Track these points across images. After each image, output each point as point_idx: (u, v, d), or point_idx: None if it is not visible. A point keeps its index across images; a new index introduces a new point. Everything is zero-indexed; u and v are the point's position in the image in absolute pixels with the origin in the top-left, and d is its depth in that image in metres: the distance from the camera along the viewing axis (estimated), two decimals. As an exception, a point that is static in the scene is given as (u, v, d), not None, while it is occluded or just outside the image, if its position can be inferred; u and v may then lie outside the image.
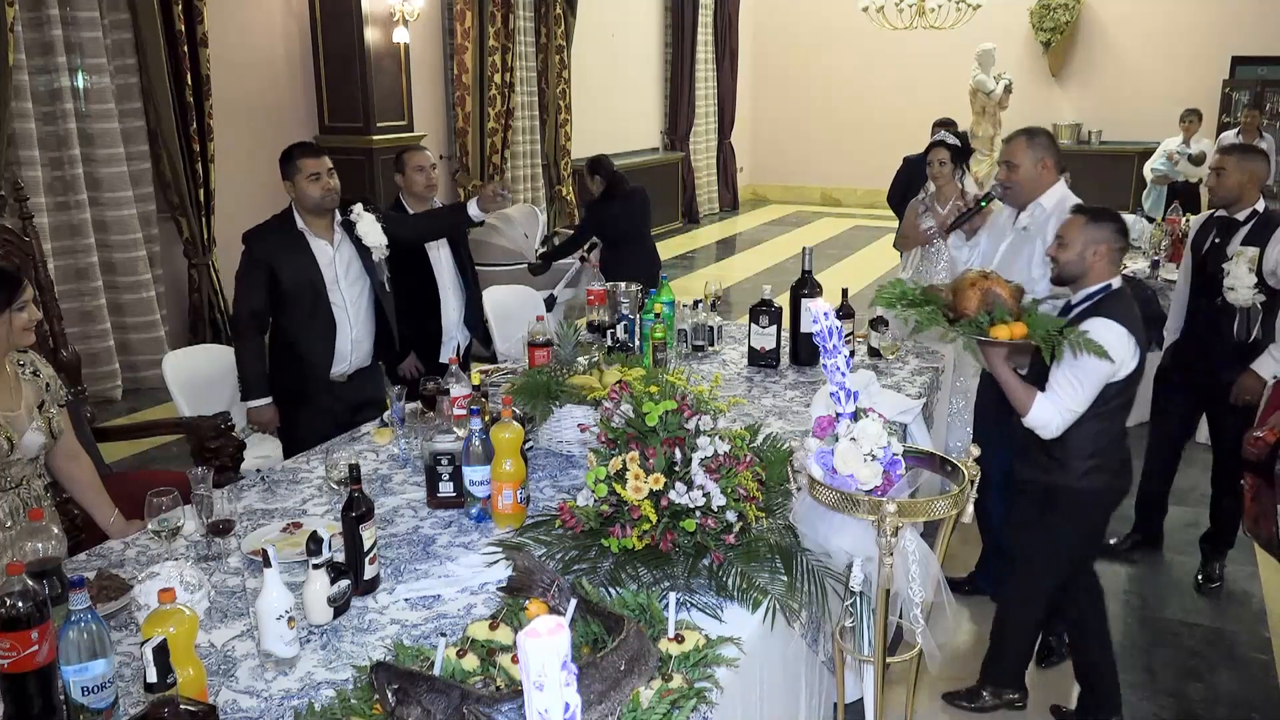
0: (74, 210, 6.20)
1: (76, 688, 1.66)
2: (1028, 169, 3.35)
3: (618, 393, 2.40)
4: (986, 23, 11.27)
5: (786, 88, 15.02)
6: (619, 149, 12.27)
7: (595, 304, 3.89)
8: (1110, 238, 2.76)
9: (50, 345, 3.71)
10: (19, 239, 3.57)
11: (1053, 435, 2.75)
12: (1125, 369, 2.70)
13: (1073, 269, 2.80)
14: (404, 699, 1.58)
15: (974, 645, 3.65)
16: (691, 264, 10.98)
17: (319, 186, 3.48)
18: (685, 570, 2.18)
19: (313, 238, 3.54)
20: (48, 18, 5.96)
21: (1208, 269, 3.86)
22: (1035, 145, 3.36)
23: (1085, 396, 2.69)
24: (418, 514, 2.60)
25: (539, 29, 10.26)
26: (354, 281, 3.63)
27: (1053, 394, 2.71)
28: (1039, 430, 2.76)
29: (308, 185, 3.47)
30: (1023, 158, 3.35)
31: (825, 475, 2.10)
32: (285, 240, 3.51)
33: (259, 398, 3.57)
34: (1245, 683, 3.47)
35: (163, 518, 2.25)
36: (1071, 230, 2.80)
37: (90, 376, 5.77)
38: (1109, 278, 2.78)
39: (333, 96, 8.07)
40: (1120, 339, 2.64)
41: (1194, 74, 12.30)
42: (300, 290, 3.50)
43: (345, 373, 3.66)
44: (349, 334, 3.62)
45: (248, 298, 3.52)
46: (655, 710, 1.65)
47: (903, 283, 2.89)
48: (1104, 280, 2.78)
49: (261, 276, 3.48)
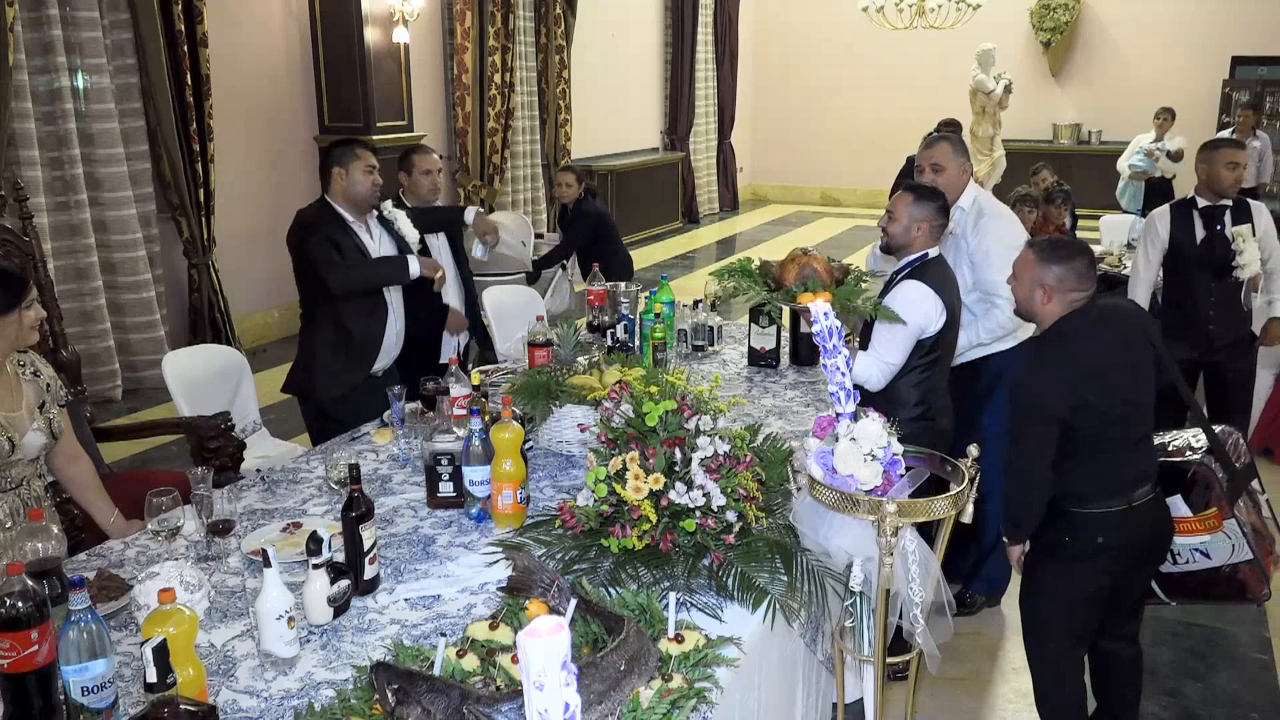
0: (74, 210, 6.19)
1: (76, 688, 1.66)
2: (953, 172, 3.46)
3: (618, 393, 2.40)
4: (986, 23, 11.27)
5: (786, 88, 15.02)
6: (619, 149, 12.28)
7: (595, 304, 3.89)
8: (931, 215, 3.00)
9: (50, 345, 3.71)
10: (19, 239, 3.57)
11: (876, 387, 2.98)
12: (934, 325, 2.94)
13: (899, 239, 3.05)
14: (404, 699, 1.58)
15: (975, 644, 3.65)
16: (691, 264, 10.98)
17: (372, 179, 3.57)
18: (685, 570, 2.18)
19: (358, 229, 3.62)
20: (48, 18, 5.96)
21: (1215, 253, 4.23)
22: (959, 151, 3.53)
23: (899, 350, 2.96)
24: (418, 514, 2.60)
25: (539, 29, 10.26)
26: None
27: (872, 351, 3.00)
28: (865, 384, 2.96)
29: (364, 176, 3.55)
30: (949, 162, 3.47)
31: (825, 475, 2.10)
32: (335, 227, 3.55)
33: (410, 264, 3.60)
34: (1245, 683, 3.47)
35: (163, 518, 2.25)
36: (899, 206, 3.03)
37: (90, 376, 5.76)
38: (927, 247, 3.02)
39: (333, 96, 8.07)
40: (927, 298, 2.91)
41: (1194, 74, 12.31)
42: None
43: (384, 367, 3.73)
44: (395, 324, 3.71)
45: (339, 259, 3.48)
46: (655, 710, 1.65)
47: (747, 261, 3.33)
48: (923, 249, 3.03)
49: (330, 247, 3.49)
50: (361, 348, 3.63)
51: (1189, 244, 4.27)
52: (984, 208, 3.50)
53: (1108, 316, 2.72)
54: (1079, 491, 2.65)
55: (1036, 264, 2.67)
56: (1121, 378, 2.64)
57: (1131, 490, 2.65)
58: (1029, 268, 2.69)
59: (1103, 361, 2.63)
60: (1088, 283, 2.65)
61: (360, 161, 3.55)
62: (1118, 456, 2.64)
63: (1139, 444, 2.69)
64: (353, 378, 3.63)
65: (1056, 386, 2.60)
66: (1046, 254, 2.67)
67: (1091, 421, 2.59)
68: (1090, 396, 2.58)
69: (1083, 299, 2.65)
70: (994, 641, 3.71)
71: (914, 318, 2.91)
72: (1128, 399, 2.64)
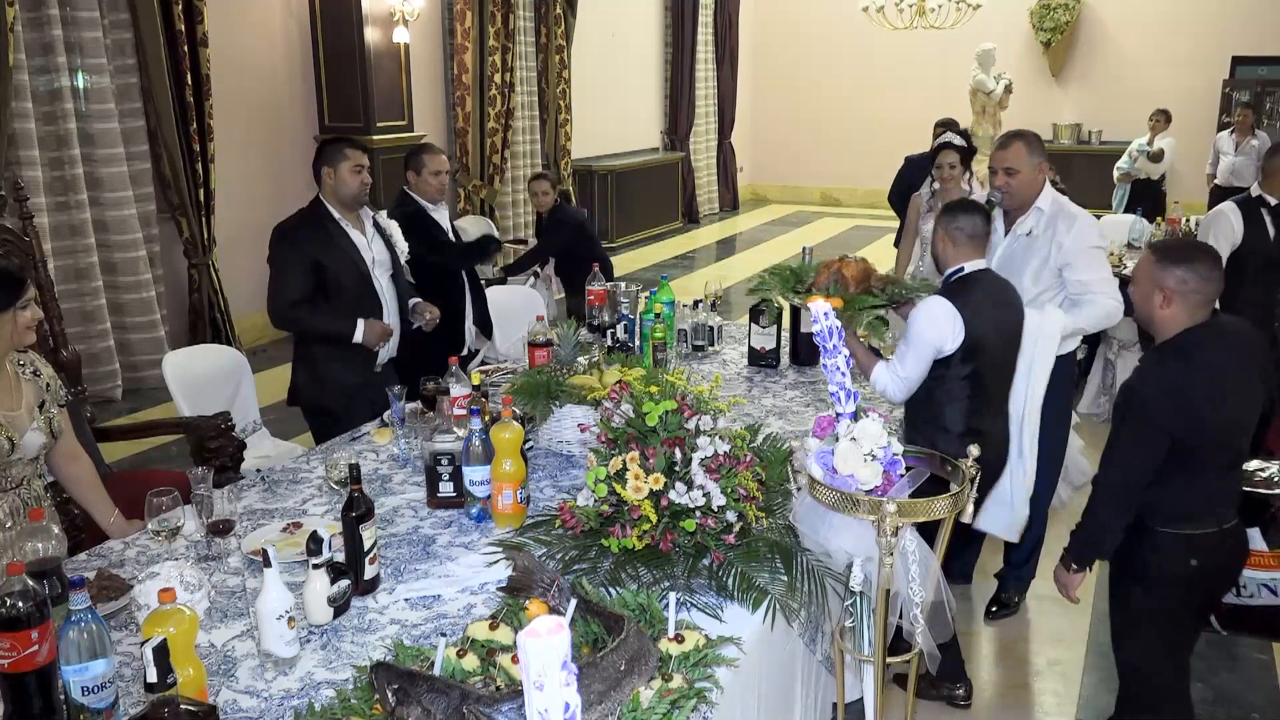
0: (74, 210, 6.19)
1: (76, 688, 1.66)
2: (1028, 174, 3.37)
3: (618, 393, 2.40)
4: (986, 23, 11.28)
5: (786, 88, 15.01)
6: (619, 149, 12.28)
7: (595, 304, 3.89)
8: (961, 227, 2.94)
9: (50, 345, 3.71)
10: (19, 239, 3.57)
11: (895, 399, 2.98)
12: (950, 344, 2.85)
13: (938, 256, 3.05)
14: (404, 699, 1.58)
15: (975, 644, 3.65)
16: (691, 264, 10.98)
17: (360, 179, 3.58)
18: (685, 570, 2.18)
19: (349, 228, 3.61)
20: (48, 18, 5.96)
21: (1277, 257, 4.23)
22: (1034, 150, 3.39)
23: (915, 364, 2.89)
24: (418, 514, 2.60)
25: (539, 29, 10.26)
26: (384, 273, 3.72)
27: (892, 362, 2.98)
28: (883, 394, 3.00)
29: (351, 175, 3.55)
30: (1024, 163, 3.36)
31: (825, 475, 2.10)
32: (325, 230, 3.56)
33: (354, 329, 3.55)
34: (1245, 683, 3.47)
35: (163, 518, 2.25)
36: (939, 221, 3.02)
37: (90, 376, 5.76)
38: (963, 261, 2.96)
39: (333, 96, 8.07)
40: (944, 316, 2.83)
41: (1194, 74, 12.31)
42: (348, 277, 3.56)
43: (381, 363, 3.74)
44: (390, 319, 3.70)
45: (289, 288, 3.52)
46: (655, 710, 1.65)
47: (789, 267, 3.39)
48: (958, 263, 2.98)
49: (304, 267, 3.51)
50: (359, 346, 3.62)
51: (1260, 242, 4.20)
52: (1063, 207, 3.41)
53: (1228, 331, 2.56)
54: (1170, 510, 2.52)
55: (1155, 266, 2.52)
56: (1234, 397, 2.50)
57: (1222, 515, 2.54)
58: (1148, 270, 2.53)
59: (1221, 379, 2.48)
60: (1212, 286, 2.48)
61: (348, 160, 3.55)
62: (1215, 478, 2.52)
63: (1233, 467, 2.58)
64: (357, 376, 3.63)
65: (1173, 401, 2.45)
66: (1166, 255, 2.53)
67: (1199, 440, 2.47)
68: (1205, 414, 2.45)
69: (1202, 302, 2.48)
70: (994, 642, 3.71)
71: (927, 334, 2.84)
72: (1236, 420, 2.52)
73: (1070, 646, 3.64)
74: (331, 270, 3.53)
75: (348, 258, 3.58)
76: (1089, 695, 3.36)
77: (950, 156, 4.78)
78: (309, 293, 3.53)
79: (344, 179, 3.55)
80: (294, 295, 3.53)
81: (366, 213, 3.72)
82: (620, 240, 11.68)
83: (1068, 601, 2.74)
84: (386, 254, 3.74)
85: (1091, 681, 3.43)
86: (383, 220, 3.82)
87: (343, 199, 3.59)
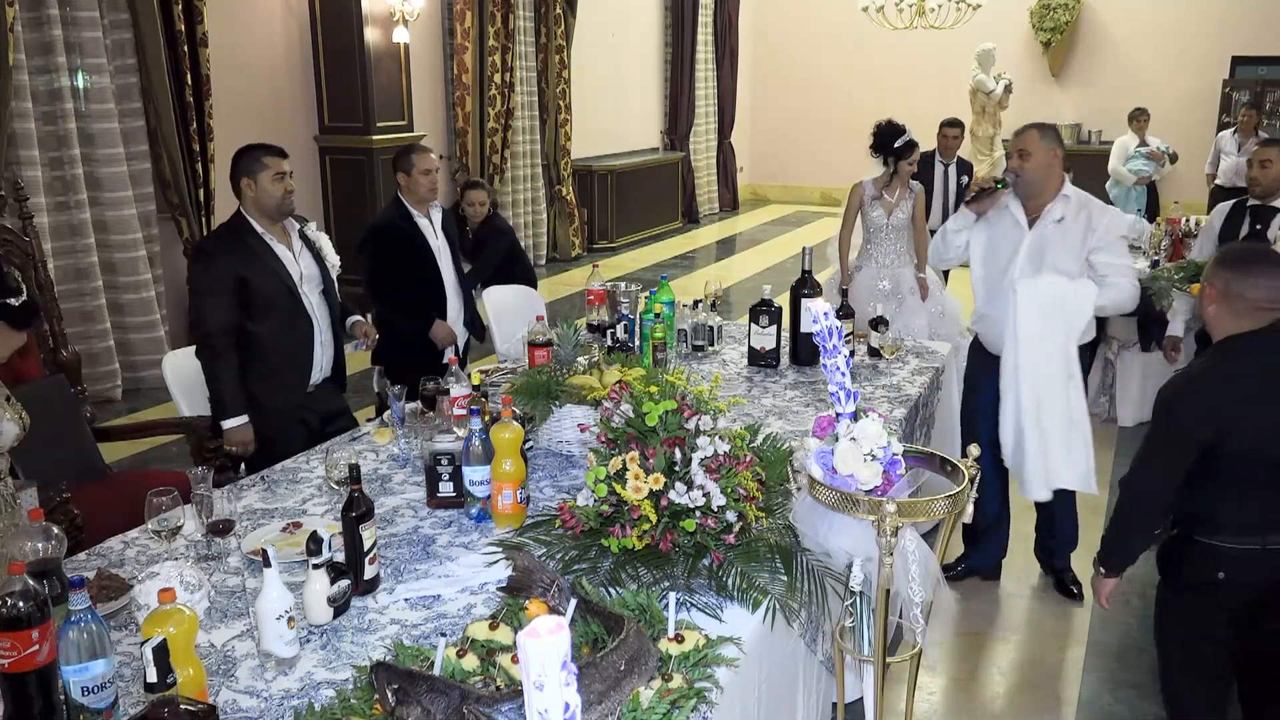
0: (74, 210, 6.19)
1: (76, 688, 1.66)
2: (1041, 159, 3.51)
3: (618, 393, 2.39)
4: (986, 23, 11.26)
5: (786, 88, 15.01)
6: (619, 149, 12.28)
7: (595, 304, 3.89)
8: None
9: (50, 345, 3.71)
10: (19, 239, 3.57)
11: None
12: None
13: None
14: (404, 699, 1.58)
15: (975, 644, 3.66)
16: (691, 264, 10.98)
17: (283, 187, 3.35)
18: (685, 570, 2.18)
19: (274, 242, 3.41)
20: (48, 18, 5.96)
21: None
22: (1047, 137, 3.54)
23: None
24: (418, 514, 2.60)
25: (539, 29, 10.26)
26: (314, 288, 3.54)
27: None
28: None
29: (272, 185, 3.33)
30: (1036, 147, 3.51)
31: (825, 475, 2.10)
32: (249, 246, 3.36)
33: (235, 416, 3.36)
34: (1245, 683, 3.47)
35: (163, 518, 2.25)
36: None
37: (90, 376, 5.76)
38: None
39: (332, 96, 8.07)
40: None
41: (1194, 74, 12.31)
42: (276, 295, 3.38)
43: (315, 382, 3.57)
44: (320, 339, 3.53)
45: (216, 311, 3.33)
46: (655, 710, 1.65)
47: None
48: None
49: (229, 286, 3.31)
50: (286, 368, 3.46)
51: None
52: (1091, 198, 3.60)
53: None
54: (1212, 519, 2.45)
55: (1211, 264, 2.53)
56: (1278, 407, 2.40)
57: (1269, 532, 2.41)
58: (1208, 267, 2.53)
59: (1264, 387, 2.40)
60: (1262, 293, 2.39)
61: (268, 170, 3.32)
62: (1262, 493, 2.41)
63: None
64: (287, 399, 3.47)
65: (1200, 407, 2.40)
66: (1223, 256, 2.53)
67: (1241, 450, 2.39)
68: (1242, 422, 2.37)
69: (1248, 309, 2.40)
70: (994, 642, 3.71)
71: None
72: None
73: (1071, 646, 3.64)
74: (257, 287, 3.34)
75: (274, 274, 3.37)
76: (1089, 695, 3.36)
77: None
78: (235, 315, 3.34)
79: (265, 189, 3.32)
80: (223, 318, 3.33)
81: (292, 224, 3.50)
82: (620, 240, 11.68)
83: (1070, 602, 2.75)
84: (315, 269, 3.53)
85: (1091, 681, 3.43)
86: (310, 233, 3.59)
87: (265, 210, 3.36)
